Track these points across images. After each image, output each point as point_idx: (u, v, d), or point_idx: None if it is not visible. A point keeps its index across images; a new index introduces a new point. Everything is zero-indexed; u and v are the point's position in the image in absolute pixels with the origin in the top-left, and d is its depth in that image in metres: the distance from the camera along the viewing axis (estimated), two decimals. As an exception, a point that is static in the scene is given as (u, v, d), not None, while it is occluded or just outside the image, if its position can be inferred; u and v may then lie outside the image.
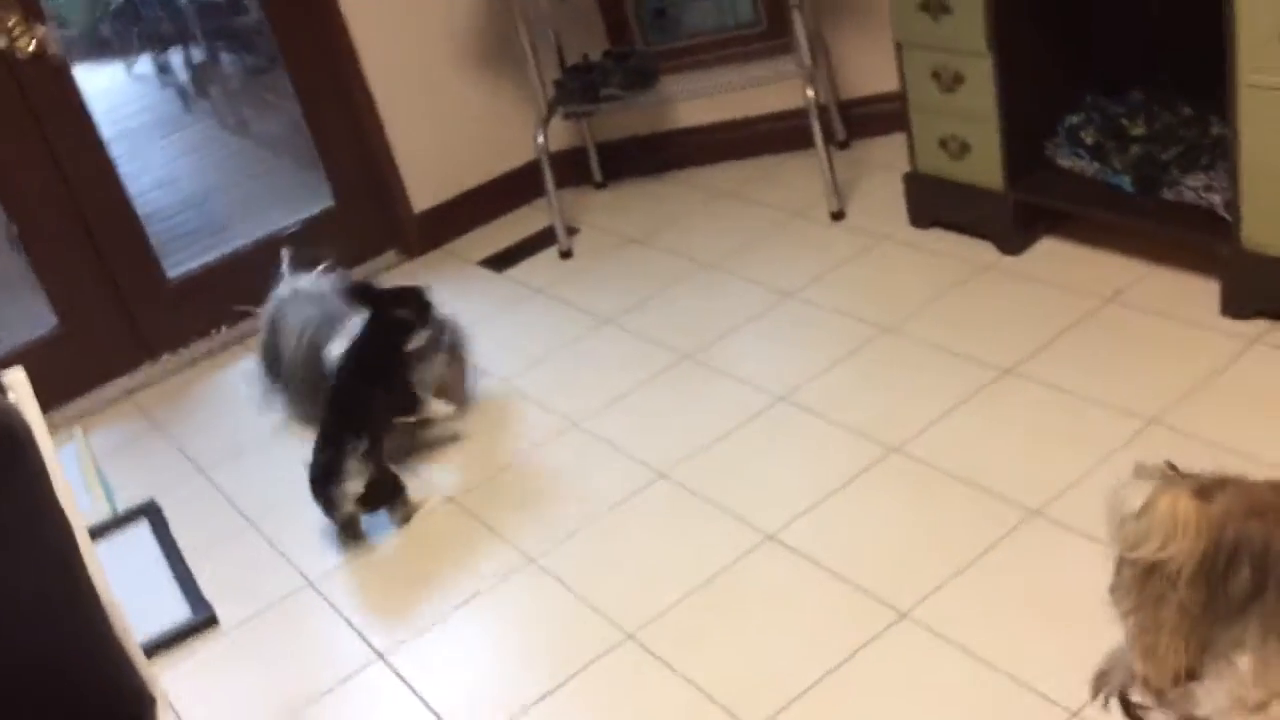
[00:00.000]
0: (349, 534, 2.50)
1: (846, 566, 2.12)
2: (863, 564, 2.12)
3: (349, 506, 2.45)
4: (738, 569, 2.18)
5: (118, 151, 5.64)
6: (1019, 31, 2.68)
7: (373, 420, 2.51)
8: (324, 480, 2.45)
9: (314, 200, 3.63)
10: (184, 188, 5.04)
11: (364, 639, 2.25)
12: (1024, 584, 2.00)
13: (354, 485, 2.43)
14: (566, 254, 3.42)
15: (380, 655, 2.20)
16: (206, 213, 4.59)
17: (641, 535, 2.33)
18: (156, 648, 2.32)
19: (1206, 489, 1.54)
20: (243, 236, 3.61)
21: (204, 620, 2.37)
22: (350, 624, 2.29)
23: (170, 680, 2.26)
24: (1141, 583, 1.58)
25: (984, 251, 2.92)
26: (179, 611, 2.41)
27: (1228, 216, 2.43)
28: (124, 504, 2.81)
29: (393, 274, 3.59)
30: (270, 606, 2.39)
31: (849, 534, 2.20)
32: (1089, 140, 2.75)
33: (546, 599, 2.23)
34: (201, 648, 2.33)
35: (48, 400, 3.20)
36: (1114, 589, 1.73)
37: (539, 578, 2.28)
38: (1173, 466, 1.75)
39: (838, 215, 3.24)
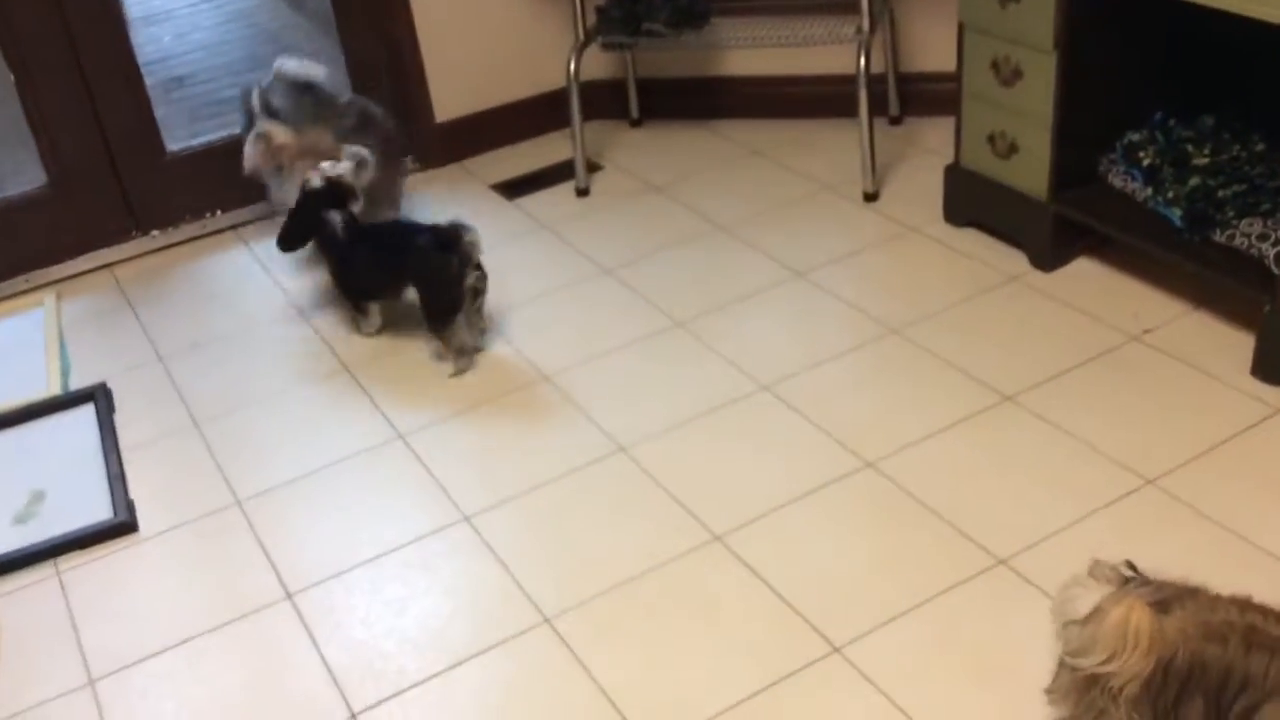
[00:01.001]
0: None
1: (788, 585, 1.97)
2: (806, 585, 1.96)
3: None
4: (675, 568, 2.03)
5: (172, 5, 5.56)
6: (1091, 32, 2.45)
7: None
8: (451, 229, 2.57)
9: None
10: (228, 53, 4.91)
11: (276, 573, 2.13)
12: (971, 637, 1.84)
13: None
14: (583, 192, 3.24)
15: (289, 594, 2.08)
16: (239, 84, 4.46)
17: (582, 511, 2.18)
18: (67, 546, 2.23)
19: (1165, 602, 1.38)
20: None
21: (121, 524, 2.26)
22: (266, 555, 2.18)
23: (72, 583, 2.16)
24: (1081, 691, 1.41)
25: (1015, 261, 2.71)
26: (100, 509, 2.31)
27: (1277, 271, 2.22)
28: (78, 382, 2.71)
29: (409, 182, 3.43)
30: (193, 521, 2.28)
31: (800, 549, 2.04)
32: (1146, 161, 2.52)
33: (477, 566, 2.10)
34: (114, 554, 2.23)
35: (27, 260, 3.15)
36: (1051, 691, 1.57)
37: (472, 541, 2.15)
38: (1132, 567, 1.59)
39: (871, 196, 3.04)
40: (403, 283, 2.65)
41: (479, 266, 2.59)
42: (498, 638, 1.94)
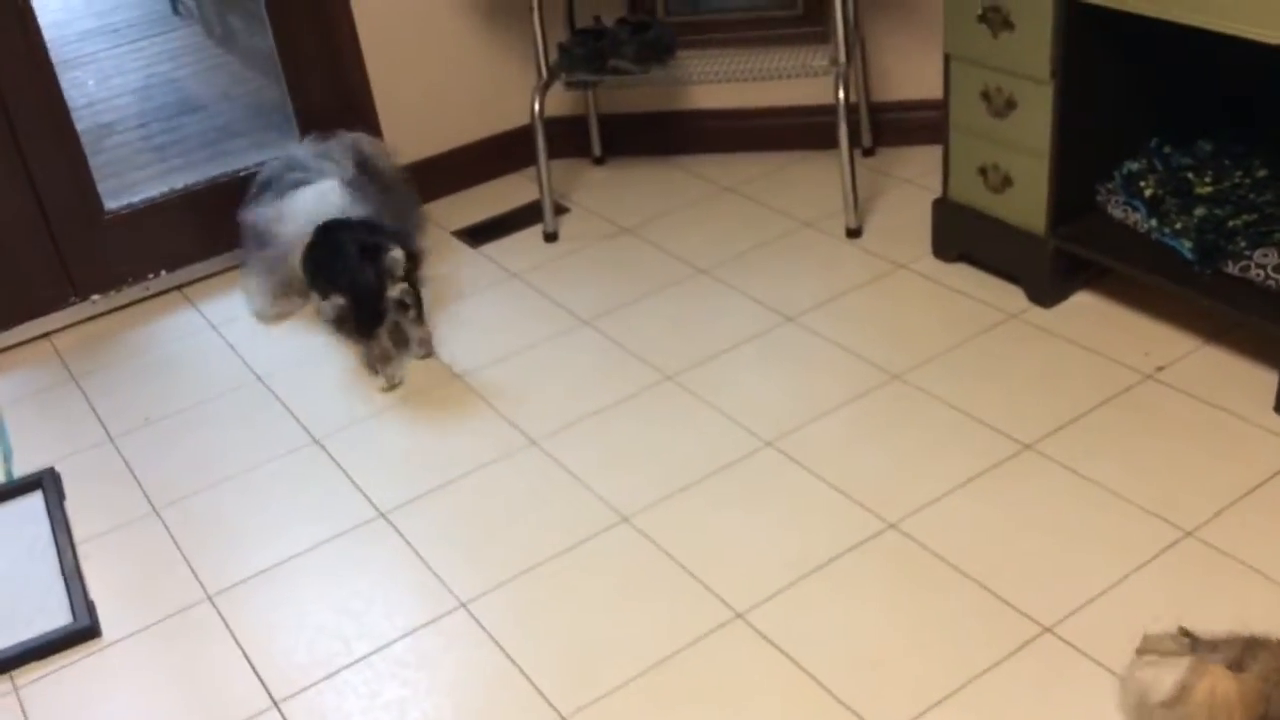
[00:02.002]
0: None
1: (821, 666, 1.83)
2: (841, 666, 1.83)
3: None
4: (695, 652, 1.89)
5: (94, 48, 5.33)
6: (1087, 60, 2.36)
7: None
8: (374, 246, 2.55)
9: (285, 136, 3.29)
10: (155, 97, 4.69)
11: (259, 678, 1.95)
12: (1025, 716, 1.72)
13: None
14: (551, 236, 3.10)
15: (275, 702, 1.90)
16: (173, 129, 4.25)
17: (588, 591, 2.03)
18: (25, 657, 2.02)
19: (1238, 660, 1.35)
20: (198, 168, 3.28)
21: (83, 629, 2.06)
22: (246, 657, 1.99)
23: (32, 700, 1.96)
24: None
25: (1012, 297, 2.61)
26: (58, 614, 2.11)
27: (1299, 304, 2.14)
28: (21, 468, 2.50)
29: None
30: (161, 621, 2.09)
31: (829, 625, 1.90)
32: (1148, 192, 2.43)
33: (480, 660, 1.93)
34: (76, 663, 2.03)
35: (-42, 332, 2.93)
36: None
37: (472, 631, 1.98)
38: (1186, 632, 1.52)
39: (854, 232, 2.93)
40: (335, 289, 2.62)
41: (407, 280, 2.56)
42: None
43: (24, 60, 2.77)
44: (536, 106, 2.99)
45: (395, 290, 2.56)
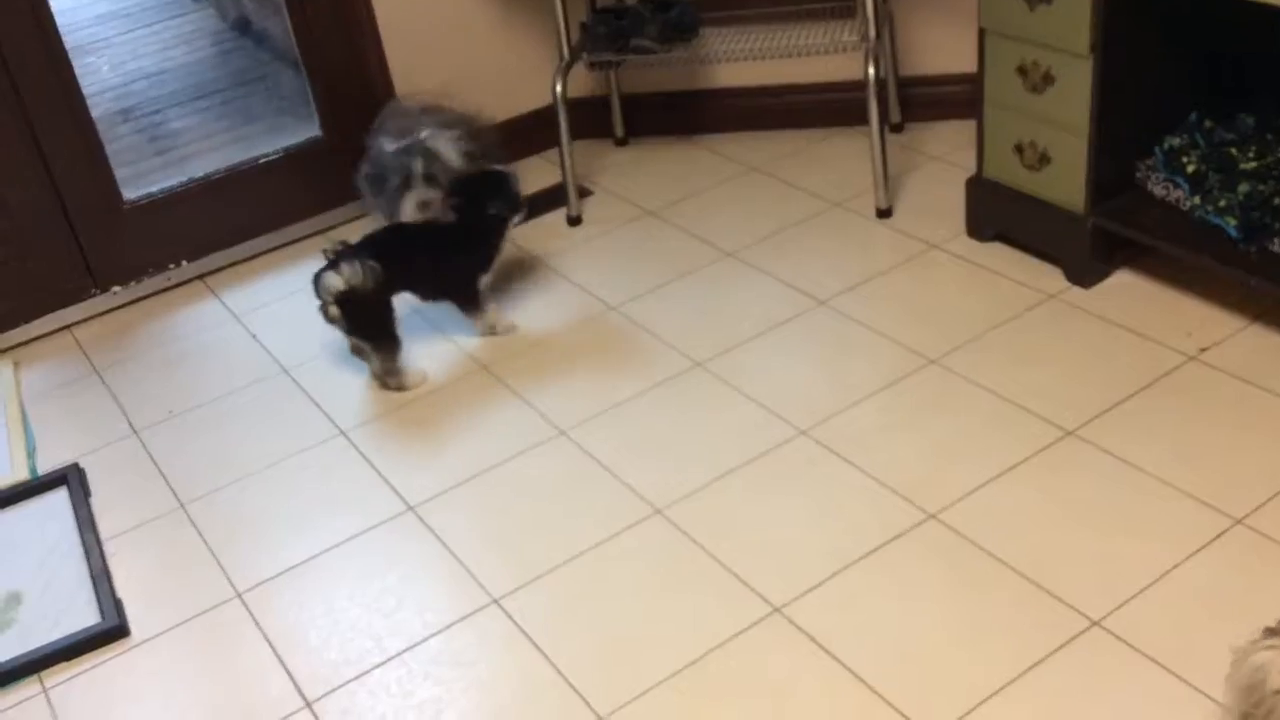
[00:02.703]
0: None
1: (864, 663, 1.79)
2: (884, 663, 1.78)
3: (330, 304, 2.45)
4: (734, 648, 1.84)
5: (108, 32, 5.28)
6: (1127, 33, 2.29)
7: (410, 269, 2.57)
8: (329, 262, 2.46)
9: (302, 121, 3.25)
10: (170, 83, 4.65)
11: (290, 677, 1.92)
12: (1077, 715, 1.67)
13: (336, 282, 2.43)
14: (575, 220, 3.05)
15: (307, 702, 1.87)
16: (189, 114, 4.21)
17: (623, 586, 1.98)
18: (54, 657, 2.00)
19: None
20: (215, 155, 3.23)
21: (112, 629, 2.03)
22: (277, 656, 1.96)
23: (62, 701, 1.93)
24: None
25: (1050, 278, 2.55)
26: (86, 612, 2.08)
27: (1351, 284, 2.08)
28: (46, 464, 2.47)
29: (372, 220, 3.22)
30: (190, 619, 2.06)
31: (871, 619, 1.86)
32: (1190, 168, 2.37)
33: (514, 658, 1.90)
34: (105, 662, 2.00)
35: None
36: None
37: (506, 628, 1.95)
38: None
39: (884, 212, 2.87)
40: None
41: (339, 302, 2.46)
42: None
43: (38, 48, 2.73)
44: (559, 88, 2.93)
45: (329, 310, 2.48)
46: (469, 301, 2.64)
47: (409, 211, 2.68)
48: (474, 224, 2.61)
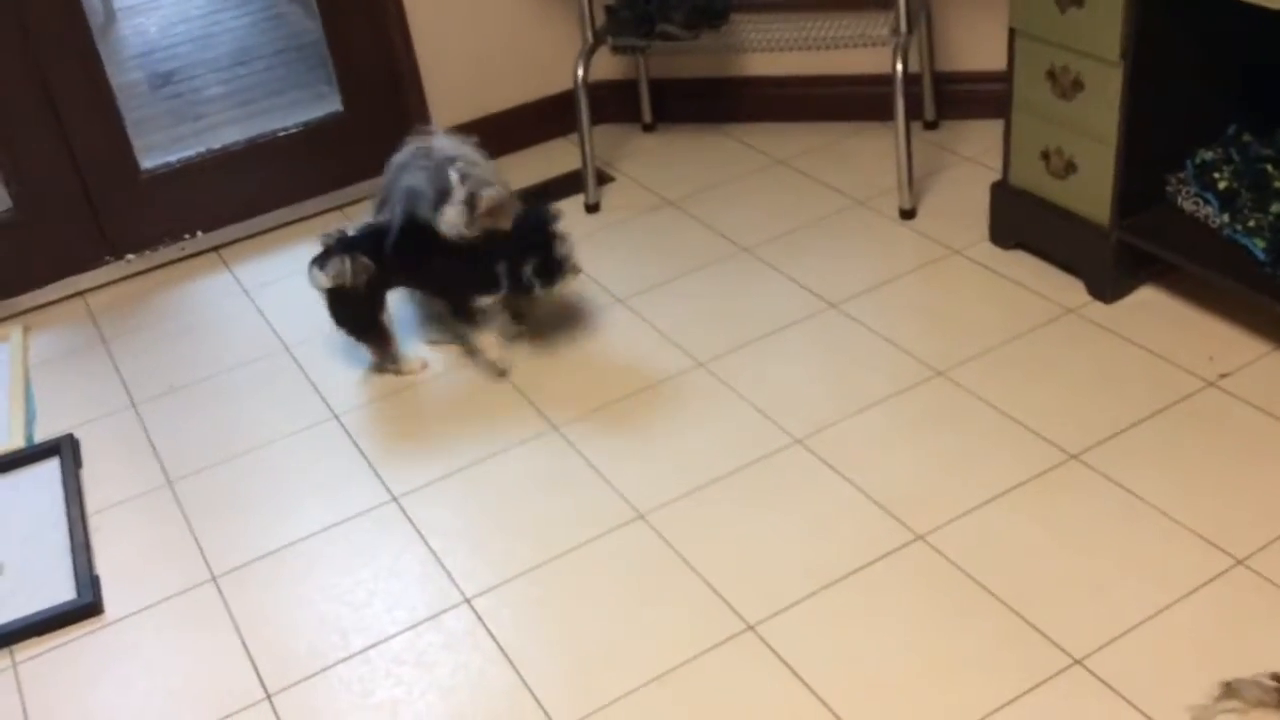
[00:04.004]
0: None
1: (836, 692, 1.72)
2: (857, 692, 1.72)
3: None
4: (702, 666, 1.79)
5: (158, -4, 5.29)
6: (1160, 40, 2.18)
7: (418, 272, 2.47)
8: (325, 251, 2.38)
9: (326, 98, 3.22)
10: (214, 46, 4.65)
11: (254, 667, 1.90)
12: (1046, 759, 1.61)
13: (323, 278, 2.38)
14: (593, 208, 2.99)
15: (268, 695, 1.85)
16: (226, 81, 4.20)
17: (597, 593, 1.94)
18: (25, 632, 2.00)
19: None
20: (241, 125, 3.21)
21: (85, 606, 2.03)
22: (244, 645, 1.94)
23: (30, 678, 1.93)
24: None
25: (1071, 291, 2.46)
26: (62, 587, 2.08)
27: (1380, 316, 1.97)
28: (43, 432, 2.47)
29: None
30: (163, 601, 2.05)
31: (847, 644, 1.80)
32: (1222, 185, 2.26)
33: (480, 663, 1.86)
34: (75, 640, 1.99)
35: (-6, 289, 2.91)
36: None
37: (474, 631, 1.91)
38: (1277, 677, 1.37)
39: (908, 213, 2.78)
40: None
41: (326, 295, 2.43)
42: None
43: (59, 15, 2.72)
44: (580, 72, 2.87)
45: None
46: (464, 316, 2.47)
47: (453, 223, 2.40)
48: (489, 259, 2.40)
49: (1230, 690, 1.34)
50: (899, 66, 2.65)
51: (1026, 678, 1.70)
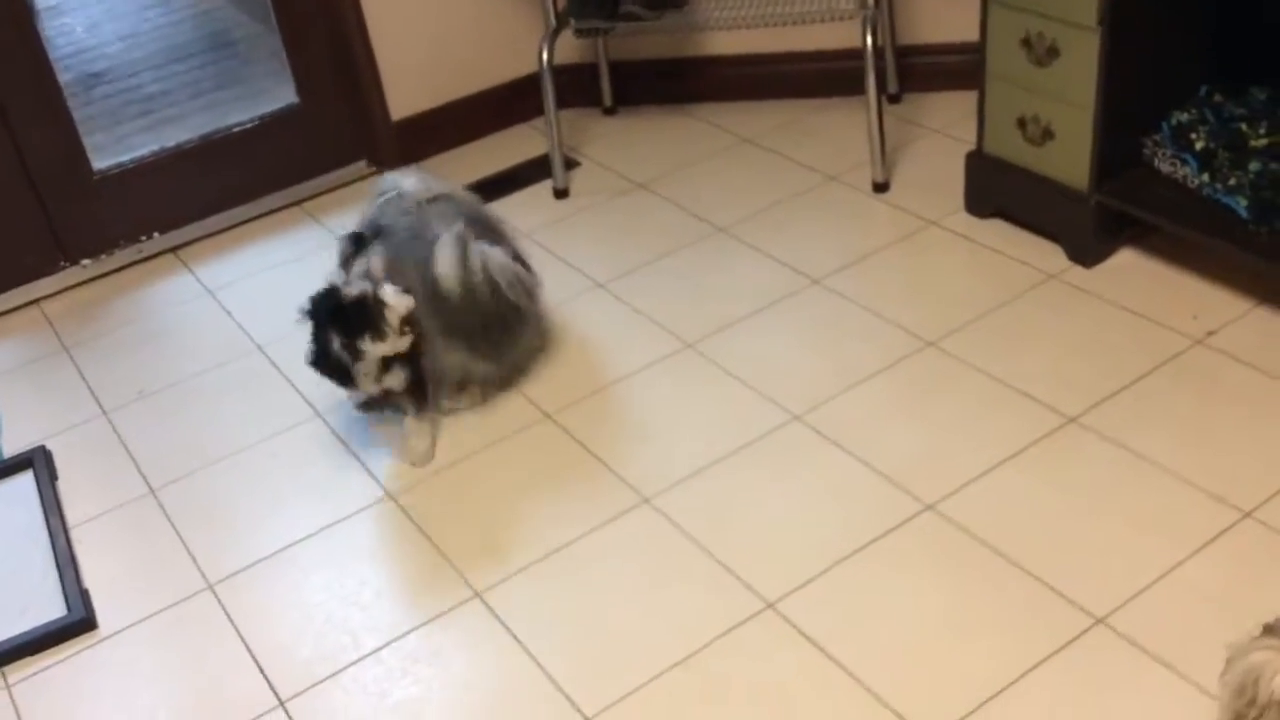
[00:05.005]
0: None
1: (861, 663, 1.71)
2: (882, 663, 1.71)
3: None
4: (725, 646, 1.77)
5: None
6: (1136, 5, 2.20)
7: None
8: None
9: (279, 85, 3.14)
10: (146, 44, 4.52)
11: (264, 675, 1.85)
12: (1077, 716, 1.61)
13: None
14: (562, 193, 2.95)
15: (281, 702, 1.80)
16: (163, 79, 4.09)
17: (609, 580, 1.91)
18: (17, 652, 1.92)
19: None
20: (189, 121, 3.12)
21: (78, 622, 1.96)
22: (250, 652, 1.89)
23: (25, 699, 1.86)
24: None
25: (1051, 257, 2.47)
26: (51, 605, 2.00)
27: (1366, 267, 2.00)
28: (11, 446, 2.38)
29: (361, 188, 3.12)
30: (160, 612, 1.98)
31: (868, 616, 1.79)
32: (1199, 145, 2.29)
33: (496, 655, 1.83)
34: (71, 657, 1.92)
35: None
36: None
37: (487, 623, 1.88)
38: None
39: (881, 186, 2.78)
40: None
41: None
42: (531, 745, 1.68)
43: (3, 13, 2.61)
44: (545, 55, 2.83)
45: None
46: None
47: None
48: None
49: (1270, 630, 1.35)
50: (869, 39, 2.65)
51: (1052, 640, 1.71)
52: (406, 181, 2.31)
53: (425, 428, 2.20)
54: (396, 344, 2.07)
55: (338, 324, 2.06)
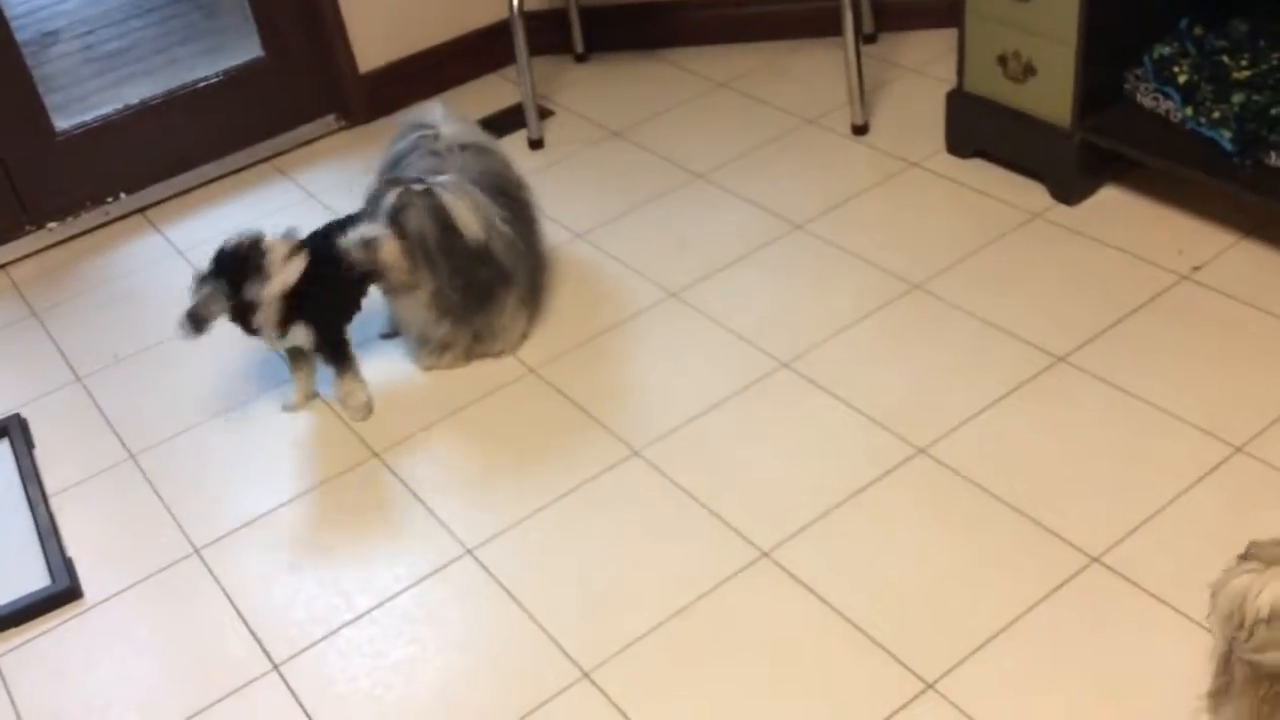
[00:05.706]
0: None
1: (860, 610, 1.71)
2: (880, 609, 1.71)
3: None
4: (721, 596, 1.76)
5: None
6: (1118, -65, 2.18)
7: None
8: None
9: (242, 39, 3.06)
10: (99, 2, 4.40)
11: (256, 639, 1.82)
12: (1080, 654, 1.61)
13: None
14: (537, 143, 2.91)
15: (275, 666, 1.78)
16: (123, 35, 3.99)
17: (602, 533, 1.90)
18: (2, 623, 1.89)
19: None
20: (152, 77, 3.04)
21: (63, 591, 1.92)
22: (241, 617, 1.86)
23: (13, 670, 1.83)
24: (1255, 685, 1.22)
25: (1034, 195, 2.46)
26: (34, 575, 1.97)
27: (1352, 198, 2.00)
28: (-16, 414, 2.34)
29: (331, 142, 3.07)
30: (146, 579, 1.95)
31: (864, 563, 1.78)
32: (1181, 78, 2.27)
33: (491, 611, 1.81)
34: (57, 627, 1.89)
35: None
36: (1215, 693, 1.37)
37: (481, 580, 1.86)
38: None
39: (860, 129, 2.75)
40: None
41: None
42: (533, 700, 1.67)
43: (-46, -32, 2.54)
44: (515, 2, 2.77)
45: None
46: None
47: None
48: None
49: (1246, 556, 1.36)
50: (845, -22, 2.61)
51: (1048, 579, 1.71)
52: (446, 127, 2.28)
53: (354, 383, 2.19)
54: (285, 278, 2.05)
55: (226, 278, 2.06)
